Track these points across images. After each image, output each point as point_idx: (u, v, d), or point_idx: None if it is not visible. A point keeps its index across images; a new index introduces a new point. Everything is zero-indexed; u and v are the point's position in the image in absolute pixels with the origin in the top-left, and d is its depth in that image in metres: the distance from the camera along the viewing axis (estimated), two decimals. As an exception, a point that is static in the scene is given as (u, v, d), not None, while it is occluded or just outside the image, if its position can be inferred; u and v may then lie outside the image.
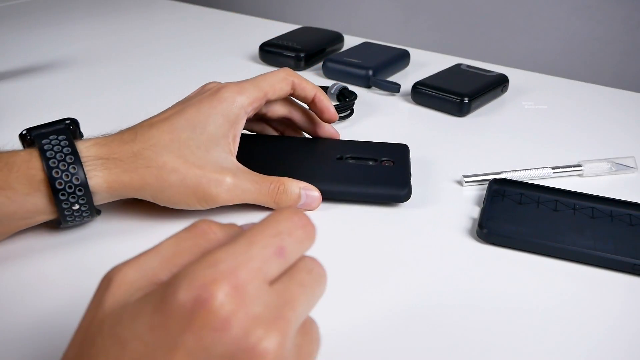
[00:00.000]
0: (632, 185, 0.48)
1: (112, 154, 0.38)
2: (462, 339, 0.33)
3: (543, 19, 1.36)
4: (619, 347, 0.32)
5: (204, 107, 0.40)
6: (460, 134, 0.57)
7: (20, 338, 0.32)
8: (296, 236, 0.24)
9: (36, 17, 0.93)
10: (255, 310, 0.21)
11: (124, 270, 0.23)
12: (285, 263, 0.23)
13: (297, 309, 0.23)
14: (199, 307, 0.20)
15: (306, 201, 0.43)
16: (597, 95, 0.67)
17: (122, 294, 0.22)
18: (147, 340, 0.21)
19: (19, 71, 0.70)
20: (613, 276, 0.38)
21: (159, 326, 0.21)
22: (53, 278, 0.37)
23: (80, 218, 0.38)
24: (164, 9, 0.99)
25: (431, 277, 0.37)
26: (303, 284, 0.24)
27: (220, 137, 0.40)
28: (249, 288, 0.21)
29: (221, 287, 0.21)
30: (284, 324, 0.22)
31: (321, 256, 0.39)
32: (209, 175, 0.39)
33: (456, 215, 0.43)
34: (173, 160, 0.38)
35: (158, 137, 0.39)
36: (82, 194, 0.36)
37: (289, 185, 0.42)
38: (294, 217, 0.24)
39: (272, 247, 0.23)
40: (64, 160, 0.36)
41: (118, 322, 0.21)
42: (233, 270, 0.21)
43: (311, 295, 0.24)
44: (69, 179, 0.35)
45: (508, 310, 0.35)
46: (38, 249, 0.39)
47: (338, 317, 0.34)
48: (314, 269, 0.25)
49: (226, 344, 0.20)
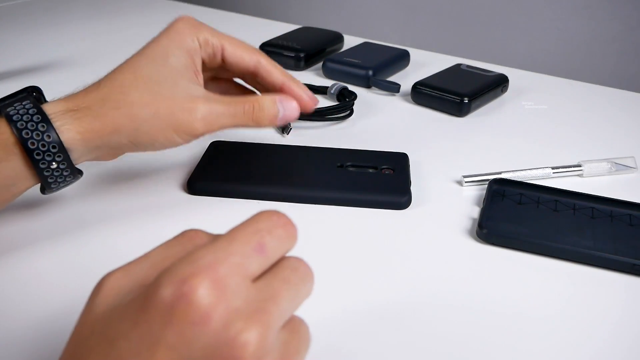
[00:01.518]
0: (632, 185, 0.48)
1: (80, 104, 0.37)
2: (462, 339, 0.33)
3: (543, 19, 1.36)
4: (619, 347, 0.32)
5: (163, 41, 0.40)
6: (460, 134, 0.57)
7: (16, 337, 0.32)
8: (276, 234, 0.24)
9: (36, 17, 0.93)
10: (235, 303, 0.21)
11: (115, 276, 0.24)
12: (266, 260, 0.24)
13: (280, 304, 0.23)
14: (179, 302, 0.21)
15: (285, 113, 0.41)
16: (597, 95, 0.67)
17: (112, 298, 0.23)
18: (131, 338, 0.21)
19: (19, 71, 0.70)
20: (613, 276, 0.38)
21: (142, 323, 0.21)
22: (48, 276, 0.37)
23: (62, 178, 0.37)
24: (164, 9, 0.99)
25: (431, 277, 0.37)
26: (287, 281, 0.24)
27: (183, 68, 0.40)
28: (229, 282, 0.22)
29: (201, 281, 0.21)
30: (265, 317, 0.22)
31: (320, 255, 0.39)
32: (180, 104, 0.39)
33: (456, 216, 0.43)
34: (142, 96, 0.38)
35: (122, 77, 0.39)
36: (56, 150, 0.36)
37: (264, 101, 0.41)
38: (273, 217, 0.25)
39: (251, 243, 0.23)
40: (32, 121, 0.35)
41: (108, 323, 0.22)
42: (212, 265, 0.22)
43: (295, 292, 0.24)
44: (40, 138, 0.35)
45: (508, 310, 0.35)
46: (31, 245, 0.39)
47: (337, 316, 0.34)
48: (300, 268, 0.25)
49: (206, 337, 0.21)
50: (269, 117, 0.41)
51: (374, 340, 0.32)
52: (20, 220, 0.42)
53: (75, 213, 0.43)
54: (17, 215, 0.42)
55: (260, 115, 0.40)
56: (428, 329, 0.33)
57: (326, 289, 0.35)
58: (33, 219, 0.42)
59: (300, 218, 0.42)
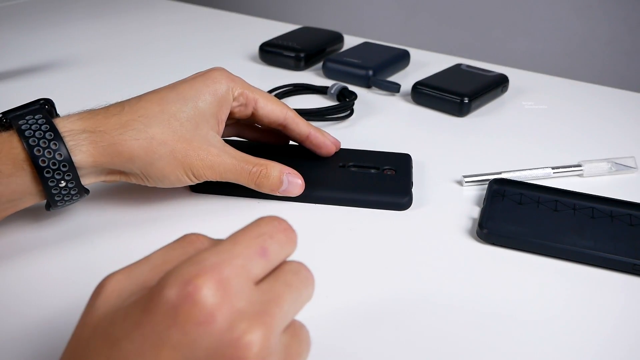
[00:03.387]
0: (632, 185, 0.48)
1: (98, 127, 0.37)
2: (462, 339, 0.33)
3: (543, 19, 1.36)
4: (619, 347, 0.32)
5: (197, 84, 0.41)
6: (460, 134, 0.57)
7: (17, 338, 0.32)
8: (278, 239, 0.25)
9: (36, 17, 0.93)
10: (239, 305, 0.22)
11: (116, 278, 0.24)
12: (268, 263, 0.24)
13: (283, 306, 0.23)
14: (184, 302, 0.21)
15: (287, 187, 0.43)
16: (597, 95, 0.67)
17: (114, 300, 0.23)
18: (135, 338, 0.21)
19: (19, 71, 0.70)
20: (613, 276, 0.38)
21: (146, 323, 0.21)
22: (54, 277, 0.37)
23: (69, 197, 0.37)
24: (164, 9, 0.99)
25: (431, 277, 0.37)
26: (289, 284, 0.24)
27: (209, 115, 0.41)
28: (233, 283, 0.22)
29: (205, 281, 0.21)
30: (268, 319, 0.22)
31: (321, 254, 0.39)
32: (196, 149, 0.39)
33: (456, 215, 0.43)
34: (162, 132, 0.38)
35: (147, 108, 0.39)
36: (66, 169, 0.36)
37: (272, 170, 0.42)
38: (274, 222, 0.25)
39: (254, 247, 0.24)
40: (44, 138, 0.35)
41: (110, 324, 0.22)
42: (217, 266, 0.22)
43: (297, 295, 0.24)
44: (51, 156, 0.35)
45: (508, 310, 0.35)
46: (31, 246, 0.39)
47: (337, 315, 0.34)
48: (301, 272, 0.25)
49: (210, 337, 0.21)
50: (272, 186, 0.42)
51: (374, 340, 0.32)
52: (28, 223, 0.42)
53: (84, 214, 0.43)
54: (25, 219, 0.42)
55: (263, 182, 0.42)
56: (428, 328, 0.33)
57: (327, 289, 0.35)
58: (41, 221, 0.42)
59: (302, 217, 0.42)
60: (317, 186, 0.44)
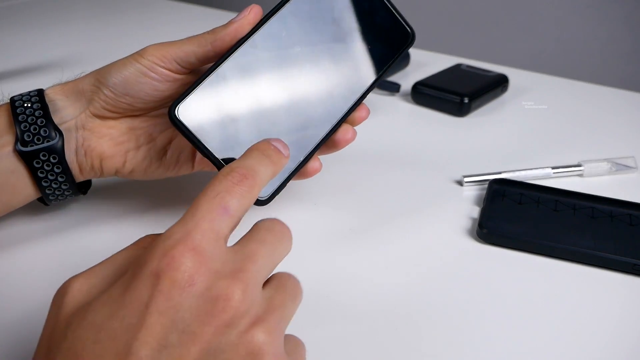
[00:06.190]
0: (632, 185, 0.48)
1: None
2: (461, 339, 0.33)
3: (543, 19, 1.36)
4: (619, 347, 0.32)
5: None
6: (460, 134, 0.57)
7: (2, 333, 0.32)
8: (235, 193, 0.25)
9: (36, 17, 0.93)
10: (215, 266, 0.23)
11: (80, 281, 0.25)
12: (232, 219, 0.25)
13: (257, 262, 0.24)
14: (165, 271, 0.22)
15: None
16: (597, 95, 0.67)
17: (82, 297, 0.24)
18: (122, 315, 0.22)
19: (19, 71, 0.70)
20: (613, 276, 0.38)
21: (130, 299, 0.22)
22: (38, 274, 0.37)
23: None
24: (164, 9, 0.99)
25: (431, 277, 0.37)
26: (262, 240, 0.25)
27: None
28: (205, 247, 0.23)
29: (180, 251, 0.23)
30: (243, 274, 0.23)
31: (317, 255, 0.39)
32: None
33: (456, 215, 0.43)
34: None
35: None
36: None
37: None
38: (227, 177, 0.26)
39: (215, 207, 0.25)
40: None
41: (89, 312, 0.23)
42: (186, 236, 0.23)
43: (272, 250, 0.25)
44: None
45: (508, 310, 0.35)
46: (29, 242, 0.39)
47: (336, 315, 0.34)
48: (275, 228, 0.26)
49: (193, 299, 0.22)
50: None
51: (374, 340, 0.32)
52: (24, 220, 0.42)
53: (78, 212, 0.43)
54: (20, 216, 0.42)
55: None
56: (428, 328, 0.33)
57: (325, 289, 0.35)
58: (35, 218, 0.42)
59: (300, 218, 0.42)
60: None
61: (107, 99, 0.37)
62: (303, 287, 0.27)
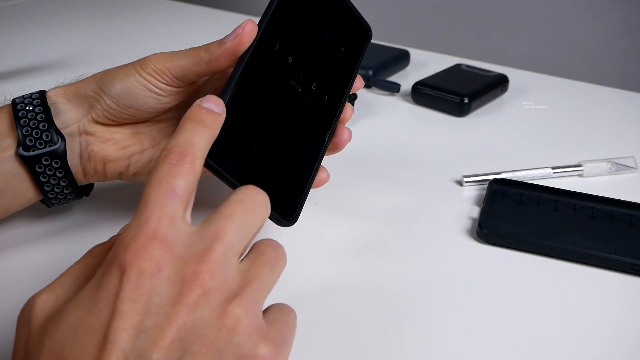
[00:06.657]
0: (632, 185, 0.48)
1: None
2: (461, 339, 0.33)
3: (543, 19, 1.36)
4: (619, 347, 0.32)
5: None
6: (460, 134, 0.57)
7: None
8: (177, 173, 0.25)
9: (36, 17, 0.93)
10: (180, 251, 0.24)
11: (43, 295, 0.25)
12: (182, 199, 0.25)
13: (225, 238, 0.24)
14: (131, 263, 0.23)
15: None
16: (597, 95, 0.67)
17: (50, 308, 0.24)
18: (98, 310, 0.22)
19: (19, 71, 0.70)
20: (613, 276, 0.38)
21: (103, 295, 0.23)
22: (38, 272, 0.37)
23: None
24: (164, 9, 0.99)
25: (431, 277, 0.37)
26: (230, 215, 0.25)
27: None
28: (165, 233, 0.24)
29: (142, 242, 0.23)
30: (210, 254, 0.24)
31: (317, 255, 0.39)
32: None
33: (456, 215, 0.43)
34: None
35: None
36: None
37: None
38: (166, 161, 0.26)
39: (163, 193, 0.25)
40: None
41: (64, 314, 0.23)
42: (144, 227, 0.24)
43: (242, 222, 0.25)
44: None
45: (508, 310, 0.35)
46: (18, 243, 0.39)
47: (335, 315, 0.34)
48: (244, 199, 0.26)
49: (163, 282, 0.23)
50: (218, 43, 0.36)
51: (373, 340, 0.32)
52: (25, 222, 0.42)
53: (80, 215, 0.43)
54: (22, 217, 0.42)
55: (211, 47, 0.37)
56: (427, 328, 0.33)
57: (323, 289, 0.35)
58: (36, 219, 0.42)
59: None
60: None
61: (110, 108, 0.37)
62: (302, 285, 0.27)
